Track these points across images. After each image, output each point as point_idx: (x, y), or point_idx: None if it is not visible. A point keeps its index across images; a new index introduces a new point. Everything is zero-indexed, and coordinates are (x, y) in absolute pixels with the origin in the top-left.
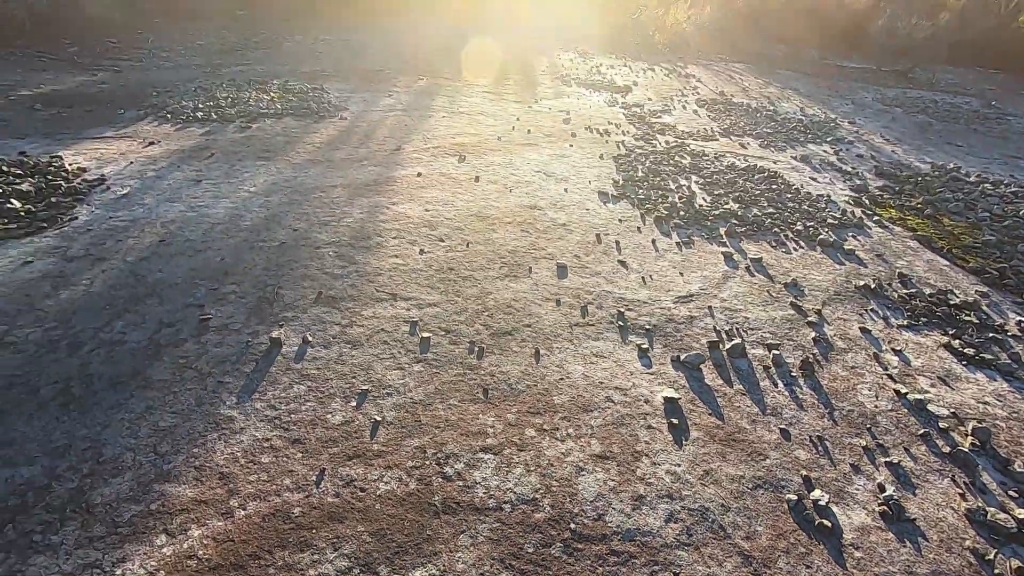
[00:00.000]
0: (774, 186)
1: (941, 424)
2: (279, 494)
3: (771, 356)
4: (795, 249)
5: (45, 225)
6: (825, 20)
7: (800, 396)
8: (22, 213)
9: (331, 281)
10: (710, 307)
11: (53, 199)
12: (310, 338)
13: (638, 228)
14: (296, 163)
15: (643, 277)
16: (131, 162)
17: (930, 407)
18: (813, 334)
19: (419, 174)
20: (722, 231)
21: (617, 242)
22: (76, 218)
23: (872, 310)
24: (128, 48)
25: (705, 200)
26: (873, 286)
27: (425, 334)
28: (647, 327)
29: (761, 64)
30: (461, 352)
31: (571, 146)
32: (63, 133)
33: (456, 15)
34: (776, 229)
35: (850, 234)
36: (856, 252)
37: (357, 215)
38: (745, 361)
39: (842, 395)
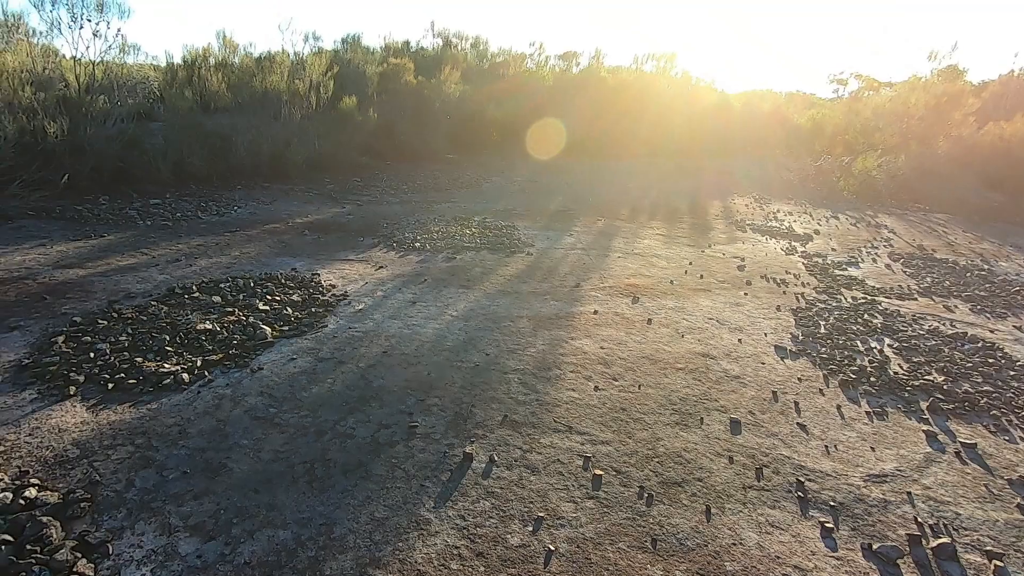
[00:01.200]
0: (991, 359)
1: None
2: None
3: (992, 567)
4: (1023, 439)
5: (306, 330)
6: None
7: None
8: (292, 319)
9: (515, 406)
10: (909, 493)
11: (313, 309)
12: (496, 457)
13: (820, 390)
14: (490, 293)
15: (826, 446)
16: (366, 282)
17: None
18: None
19: (595, 312)
20: (923, 405)
21: (796, 403)
22: (326, 326)
23: None
24: (368, 186)
25: (901, 367)
26: None
27: (597, 471)
28: (831, 503)
29: (970, 216)
30: (631, 495)
31: (745, 295)
32: (321, 254)
33: (632, 159)
34: (995, 411)
35: None
36: None
37: (540, 346)
38: (957, 566)
39: None
